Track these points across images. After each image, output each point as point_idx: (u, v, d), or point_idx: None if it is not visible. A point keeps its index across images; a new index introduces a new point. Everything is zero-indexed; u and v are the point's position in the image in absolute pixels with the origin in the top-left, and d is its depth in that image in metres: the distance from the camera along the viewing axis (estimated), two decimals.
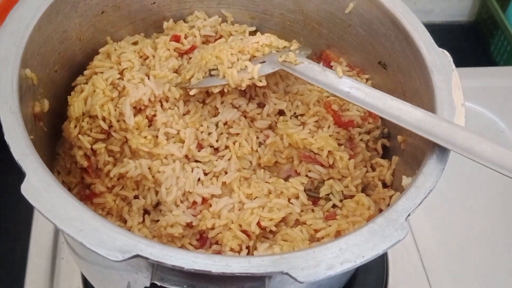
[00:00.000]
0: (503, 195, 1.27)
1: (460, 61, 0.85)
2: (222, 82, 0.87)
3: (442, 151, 0.75)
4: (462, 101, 0.80)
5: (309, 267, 0.61)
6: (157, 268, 0.64)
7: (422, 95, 0.85)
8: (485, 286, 1.15)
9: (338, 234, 0.82)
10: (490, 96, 1.49)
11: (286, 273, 0.61)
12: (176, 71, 0.95)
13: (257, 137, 0.92)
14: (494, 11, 1.78)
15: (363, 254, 0.63)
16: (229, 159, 0.90)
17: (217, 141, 0.90)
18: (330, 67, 1.03)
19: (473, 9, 1.94)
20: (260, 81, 0.87)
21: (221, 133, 0.91)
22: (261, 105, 0.93)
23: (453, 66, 0.84)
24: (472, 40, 1.93)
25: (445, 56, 0.85)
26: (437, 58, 0.85)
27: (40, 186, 0.64)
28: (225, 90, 0.89)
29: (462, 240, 1.19)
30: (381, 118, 0.95)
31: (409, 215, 0.68)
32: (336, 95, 0.84)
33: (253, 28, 1.07)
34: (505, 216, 1.25)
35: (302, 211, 0.86)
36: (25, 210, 1.21)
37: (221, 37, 1.05)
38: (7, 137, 0.67)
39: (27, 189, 0.63)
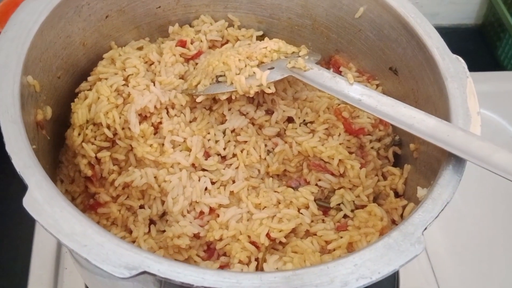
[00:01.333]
0: None
1: (467, 65, 0.83)
2: (230, 89, 0.85)
3: (458, 161, 0.72)
4: (477, 109, 0.78)
5: (323, 284, 0.59)
6: (165, 284, 0.62)
7: (435, 102, 0.83)
8: None
9: (350, 246, 0.80)
10: (499, 100, 1.47)
11: None
12: (182, 77, 0.93)
13: (265, 145, 0.90)
14: (502, 14, 1.76)
15: (379, 270, 0.61)
16: (236, 168, 0.88)
17: (224, 149, 0.88)
18: (339, 72, 1.01)
19: (480, 12, 1.92)
20: (269, 87, 0.85)
21: (229, 141, 0.89)
22: (269, 112, 0.91)
23: (468, 72, 0.82)
24: (479, 43, 1.91)
25: (459, 63, 0.83)
26: (451, 65, 0.82)
27: (42, 200, 0.62)
28: (233, 97, 0.87)
29: (474, 250, 1.17)
30: (392, 125, 0.93)
31: (425, 228, 0.65)
32: (347, 103, 0.82)
33: (260, 33, 1.05)
34: None
35: (312, 221, 0.84)
36: (27, 218, 1.18)
37: (227, 41, 1.03)
38: (8, 149, 0.65)
39: (29, 203, 0.61)
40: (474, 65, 0.89)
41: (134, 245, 0.61)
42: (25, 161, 0.64)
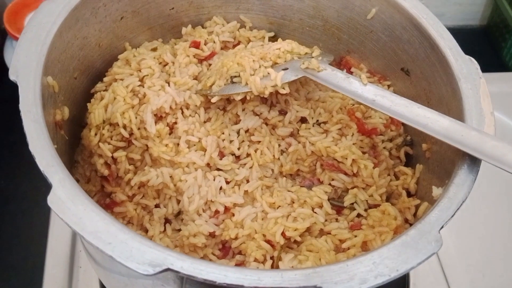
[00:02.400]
0: None
1: None
2: (245, 90, 0.86)
3: (473, 161, 0.73)
4: (491, 109, 0.79)
5: (342, 281, 0.60)
6: (186, 281, 0.63)
7: (448, 103, 0.84)
8: None
9: (364, 245, 0.80)
10: (504, 101, 1.47)
11: (320, 287, 0.59)
12: (195, 78, 0.94)
13: (279, 145, 0.91)
14: (507, 15, 1.76)
15: (397, 268, 0.62)
16: (250, 167, 0.89)
17: (238, 149, 0.89)
18: (351, 73, 1.01)
19: (485, 13, 1.93)
20: (283, 88, 0.86)
21: (243, 141, 0.90)
22: (282, 112, 0.92)
23: (480, 73, 0.83)
24: (484, 44, 1.91)
25: (472, 63, 0.84)
26: (463, 65, 0.83)
27: (66, 198, 0.63)
28: (247, 98, 0.87)
29: (484, 250, 1.17)
30: (403, 125, 0.94)
31: (442, 227, 0.66)
32: (360, 103, 0.83)
33: (272, 34, 1.06)
34: None
35: (326, 220, 0.85)
36: (39, 217, 1.20)
37: (239, 43, 1.04)
38: (31, 148, 0.66)
39: (53, 201, 0.62)
40: (479, 66, 0.89)
41: (157, 243, 0.61)
42: (48, 160, 0.65)
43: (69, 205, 0.62)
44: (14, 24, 1.41)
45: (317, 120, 0.92)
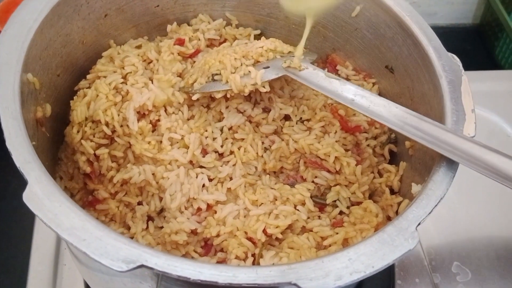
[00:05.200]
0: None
1: (465, 65, 0.83)
2: (225, 88, 0.86)
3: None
4: (472, 106, 0.79)
5: (317, 278, 0.60)
6: (162, 278, 0.63)
7: (430, 100, 0.84)
8: None
9: (345, 242, 0.81)
10: (496, 100, 1.47)
11: (295, 284, 0.59)
12: (180, 75, 0.94)
13: (263, 142, 0.91)
14: (499, 14, 1.76)
15: (373, 264, 0.62)
16: (234, 165, 0.89)
17: (221, 146, 0.89)
18: (336, 71, 1.02)
19: (478, 11, 1.93)
20: (264, 87, 0.86)
21: (226, 138, 0.90)
22: (266, 110, 0.92)
23: (463, 71, 0.83)
24: (476, 43, 1.92)
25: (454, 61, 0.84)
26: (446, 63, 0.83)
27: (42, 194, 0.63)
28: (228, 95, 0.87)
29: (473, 247, 1.17)
30: None
31: (419, 223, 0.66)
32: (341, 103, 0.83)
33: (258, 32, 1.06)
34: None
35: (308, 218, 0.85)
36: (27, 215, 1.18)
37: (225, 40, 1.04)
38: (8, 144, 0.66)
39: (29, 197, 0.62)
40: (472, 65, 0.89)
41: (132, 240, 0.61)
42: (25, 156, 0.65)
43: (45, 202, 0.62)
44: (5, 23, 1.40)
45: (301, 118, 0.92)
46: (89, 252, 0.59)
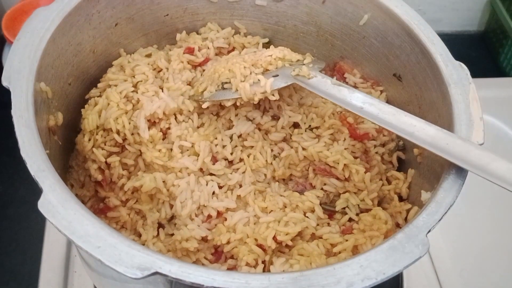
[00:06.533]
0: None
1: (470, 72, 0.84)
2: (235, 96, 0.87)
3: None
4: (480, 114, 0.79)
5: (329, 285, 0.60)
6: (175, 285, 0.63)
7: (438, 108, 0.84)
8: None
9: (355, 249, 0.81)
10: (501, 106, 1.48)
11: None
12: (189, 84, 0.95)
13: (272, 150, 0.91)
14: (504, 21, 1.77)
15: (384, 271, 0.62)
16: (243, 172, 0.89)
17: (231, 154, 0.90)
18: (344, 79, 1.02)
19: (483, 18, 1.94)
20: (273, 95, 0.86)
21: (236, 146, 0.91)
22: (275, 118, 0.93)
23: (470, 79, 0.83)
24: (481, 50, 1.92)
25: (462, 69, 0.84)
26: (454, 71, 0.84)
27: (57, 202, 0.63)
28: (238, 104, 0.88)
29: (476, 254, 1.18)
30: None
31: (429, 231, 0.67)
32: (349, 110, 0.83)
33: (266, 40, 1.07)
34: None
35: (318, 224, 0.85)
36: (35, 222, 1.21)
37: (234, 49, 1.04)
38: (23, 153, 0.66)
39: (44, 205, 0.63)
40: (477, 72, 0.90)
41: (146, 247, 0.62)
42: (39, 165, 0.66)
43: (59, 210, 0.63)
44: (12, 31, 1.42)
45: (310, 126, 0.93)
46: (104, 259, 0.59)
